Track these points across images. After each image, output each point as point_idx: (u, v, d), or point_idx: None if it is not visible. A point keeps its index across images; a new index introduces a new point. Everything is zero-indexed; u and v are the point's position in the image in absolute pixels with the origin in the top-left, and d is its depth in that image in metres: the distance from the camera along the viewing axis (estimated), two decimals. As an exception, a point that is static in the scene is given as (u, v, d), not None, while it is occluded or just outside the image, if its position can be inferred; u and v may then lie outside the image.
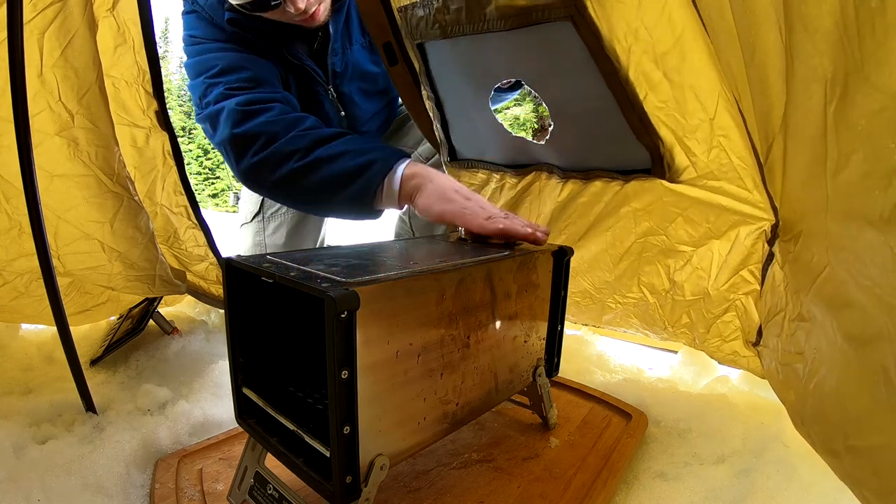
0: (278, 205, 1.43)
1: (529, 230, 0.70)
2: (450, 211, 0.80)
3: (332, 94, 1.21)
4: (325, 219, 1.51)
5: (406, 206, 0.98)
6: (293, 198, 1.03)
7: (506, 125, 0.96)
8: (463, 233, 0.76)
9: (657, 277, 0.90)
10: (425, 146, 1.31)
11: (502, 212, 0.77)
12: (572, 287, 0.98)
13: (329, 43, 1.15)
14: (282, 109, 0.98)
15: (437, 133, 1.07)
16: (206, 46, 1.06)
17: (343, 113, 1.25)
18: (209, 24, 1.08)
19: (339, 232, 1.96)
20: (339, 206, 0.96)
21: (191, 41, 1.08)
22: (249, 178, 1.01)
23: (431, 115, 1.05)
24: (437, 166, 1.20)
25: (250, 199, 1.46)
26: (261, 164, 0.95)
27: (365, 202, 0.92)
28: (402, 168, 0.89)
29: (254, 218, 1.45)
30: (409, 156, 0.93)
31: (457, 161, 1.08)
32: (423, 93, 1.02)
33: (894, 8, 0.34)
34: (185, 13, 1.12)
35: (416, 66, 0.97)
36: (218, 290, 1.25)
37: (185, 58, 1.10)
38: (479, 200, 0.82)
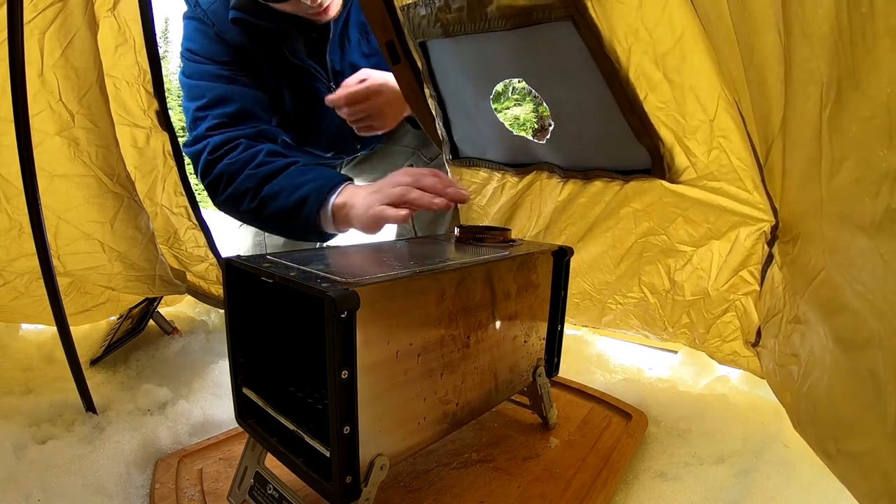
0: None
1: (436, 200, 0.80)
2: (374, 216, 0.87)
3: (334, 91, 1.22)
4: None
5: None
6: (263, 229, 1.15)
7: (506, 124, 0.96)
8: (458, 232, 0.76)
9: (657, 277, 0.90)
10: (429, 148, 1.31)
11: (409, 179, 0.85)
12: (572, 288, 0.99)
13: (327, 42, 1.16)
14: (245, 146, 1.06)
15: (439, 131, 1.07)
16: (202, 69, 1.11)
17: None
18: (209, 40, 1.11)
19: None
20: (297, 234, 1.06)
21: (188, 56, 1.13)
22: (224, 212, 1.13)
23: (434, 113, 1.05)
24: (441, 166, 1.21)
25: None
26: (226, 203, 1.07)
27: (314, 230, 1.00)
28: (332, 200, 0.95)
29: None
30: (344, 181, 0.98)
31: (458, 159, 1.08)
32: (426, 91, 1.02)
33: (883, 14, 0.34)
34: (186, 17, 1.13)
35: (419, 64, 0.98)
36: (218, 290, 1.25)
37: (181, 65, 1.14)
38: (388, 183, 0.88)
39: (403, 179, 0.86)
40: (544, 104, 0.85)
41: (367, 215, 0.89)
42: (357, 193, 0.94)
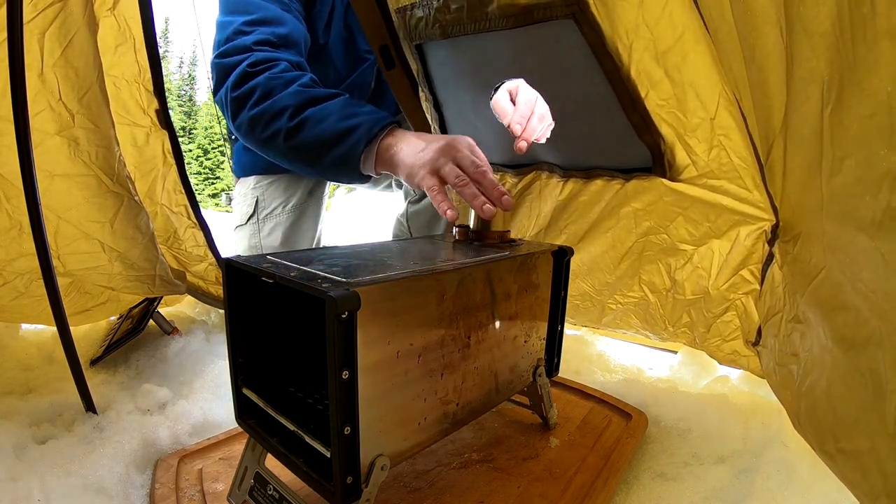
0: (273, 206, 1.43)
1: (487, 204, 0.69)
2: (418, 183, 0.79)
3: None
4: (321, 218, 1.51)
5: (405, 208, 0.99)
6: (284, 155, 1.02)
7: (506, 125, 0.96)
8: (457, 233, 0.76)
9: (658, 276, 0.90)
10: None
11: (475, 167, 0.75)
12: (572, 290, 0.99)
13: None
14: (287, 67, 0.98)
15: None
16: None
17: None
18: None
19: (336, 232, 1.96)
20: (326, 167, 0.96)
21: None
22: (243, 131, 1.01)
23: (429, 116, 1.05)
24: None
25: (243, 201, 1.46)
26: (255, 118, 0.96)
27: (350, 166, 0.92)
28: (381, 137, 0.88)
29: (248, 220, 1.45)
30: (395, 122, 0.91)
31: None
32: (421, 95, 1.02)
33: (884, 13, 0.34)
34: None
35: (414, 68, 0.97)
36: (218, 290, 1.25)
37: None
38: (445, 152, 0.78)
39: (465, 162, 0.76)
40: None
41: (411, 173, 0.81)
42: (407, 140, 0.86)
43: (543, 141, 0.90)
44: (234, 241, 1.49)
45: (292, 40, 1.03)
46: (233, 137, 1.53)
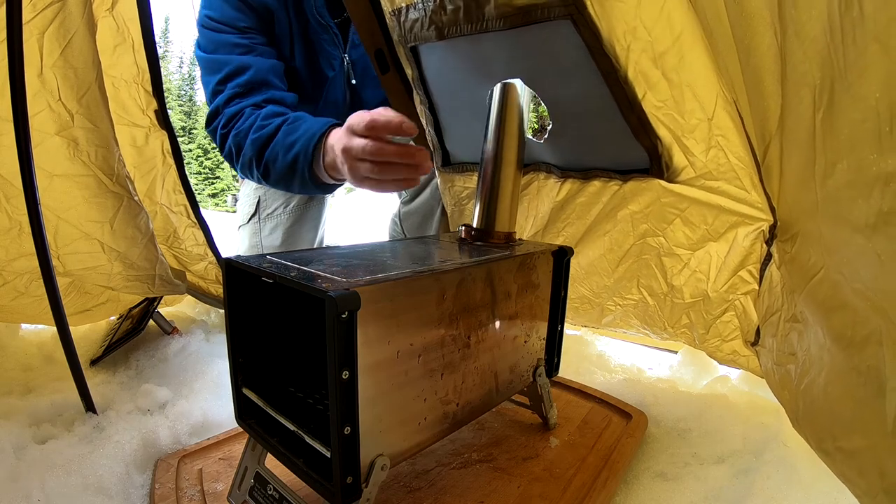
0: (274, 206, 1.43)
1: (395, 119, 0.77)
2: (342, 149, 0.86)
3: (347, 63, 1.24)
4: (323, 219, 1.51)
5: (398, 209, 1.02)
6: (282, 189, 1.14)
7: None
8: (463, 232, 0.76)
9: (655, 280, 0.90)
10: None
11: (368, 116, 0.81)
12: (571, 294, 0.99)
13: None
14: (249, 113, 1.06)
15: (429, 139, 1.07)
16: (220, 39, 1.12)
17: (354, 81, 1.28)
18: (229, 5, 1.12)
19: (338, 233, 1.96)
20: (304, 190, 1.06)
21: (206, 24, 1.13)
22: (245, 178, 1.17)
23: (424, 120, 1.04)
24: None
25: (246, 201, 1.46)
26: (243, 172, 1.10)
27: (316, 185, 1.00)
28: (319, 154, 0.95)
29: (250, 219, 1.45)
30: (328, 126, 0.96)
31: (450, 166, 1.08)
32: (416, 98, 1.02)
33: (873, 18, 0.34)
34: None
35: (409, 71, 0.97)
36: (218, 289, 1.25)
37: (197, 36, 1.15)
38: (340, 138, 0.87)
39: (359, 129, 0.83)
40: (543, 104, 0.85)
41: (338, 170, 0.90)
42: (335, 137, 0.92)
43: None
44: (236, 241, 1.50)
45: (256, 82, 1.10)
46: None
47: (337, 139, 0.90)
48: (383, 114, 0.79)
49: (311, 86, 1.26)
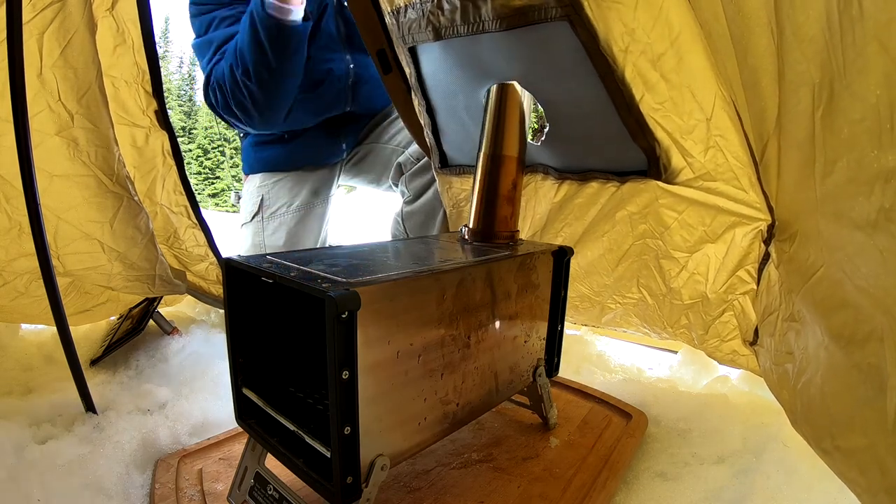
0: (277, 205, 1.43)
1: None
2: None
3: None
4: (326, 219, 1.51)
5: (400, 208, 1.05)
6: (273, 89, 1.25)
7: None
8: (465, 232, 0.76)
9: (654, 282, 0.90)
10: (415, 147, 1.31)
11: None
12: (571, 292, 0.99)
13: None
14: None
15: (427, 140, 1.07)
16: (210, 18, 1.28)
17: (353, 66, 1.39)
18: None
19: (340, 232, 1.96)
20: (280, 47, 1.17)
21: (194, 9, 1.28)
22: (233, 121, 1.33)
23: (422, 121, 1.04)
24: (427, 168, 1.23)
25: (250, 200, 1.46)
26: (234, 97, 1.25)
27: (282, 31, 1.14)
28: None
29: (253, 218, 1.45)
30: None
31: (448, 168, 1.08)
32: (414, 99, 1.02)
33: (872, 17, 0.34)
34: None
35: (408, 71, 0.97)
36: (218, 289, 1.25)
37: (191, 25, 1.32)
38: None
39: None
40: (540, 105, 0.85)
41: None
42: None
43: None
44: (239, 239, 1.50)
45: None
46: (241, 135, 1.54)
47: None
48: None
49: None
